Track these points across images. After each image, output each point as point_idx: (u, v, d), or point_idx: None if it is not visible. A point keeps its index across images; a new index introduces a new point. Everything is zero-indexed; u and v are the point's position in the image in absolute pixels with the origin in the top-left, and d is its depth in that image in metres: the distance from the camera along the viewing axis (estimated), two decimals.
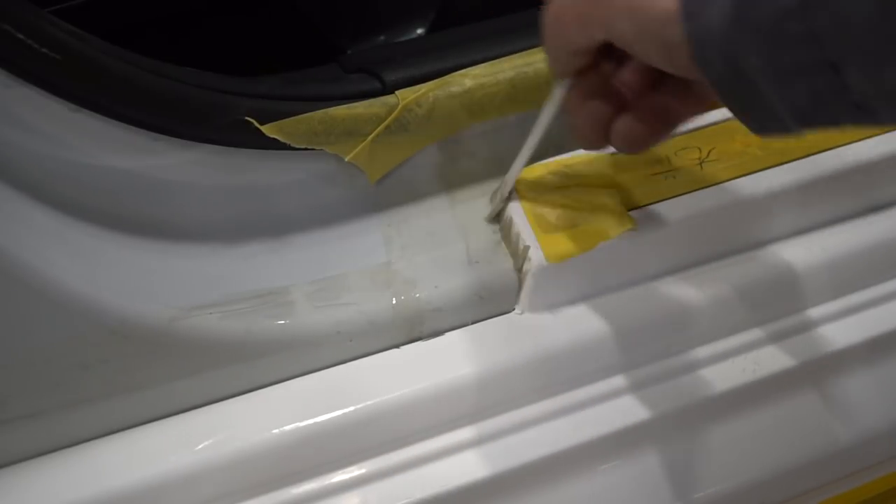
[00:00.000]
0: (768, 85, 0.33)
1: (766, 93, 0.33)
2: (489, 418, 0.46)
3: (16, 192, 0.39)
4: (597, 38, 0.38)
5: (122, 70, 0.41)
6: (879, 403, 0.52)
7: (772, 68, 0.32)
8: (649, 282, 0.50)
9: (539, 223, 0.48)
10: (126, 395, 0.43)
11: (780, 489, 0.50)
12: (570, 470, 0.46)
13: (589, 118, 0.42)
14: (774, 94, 0.33)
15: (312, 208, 0.48)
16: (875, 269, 0.53)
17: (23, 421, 0.41)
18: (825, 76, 0.31)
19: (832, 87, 0.31)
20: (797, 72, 0.32)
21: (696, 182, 0.50)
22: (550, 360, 0.47)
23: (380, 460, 0.45)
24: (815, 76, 0.31)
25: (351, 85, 0.49)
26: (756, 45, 0.32)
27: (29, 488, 0.41)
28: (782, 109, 0.33)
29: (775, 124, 0.34)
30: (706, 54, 0.34)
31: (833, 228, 0.53)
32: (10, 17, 0.37)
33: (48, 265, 0.39)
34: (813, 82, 0.32)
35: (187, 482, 0.42)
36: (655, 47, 0.36)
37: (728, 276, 0.50)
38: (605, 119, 0.42)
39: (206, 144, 0.44)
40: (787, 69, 0.32)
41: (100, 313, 0.41)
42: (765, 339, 0.51)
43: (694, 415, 0.48)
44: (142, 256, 0.44)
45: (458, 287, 0.47)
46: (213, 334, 0.43)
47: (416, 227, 0.50)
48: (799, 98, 0.32)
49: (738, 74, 0.33)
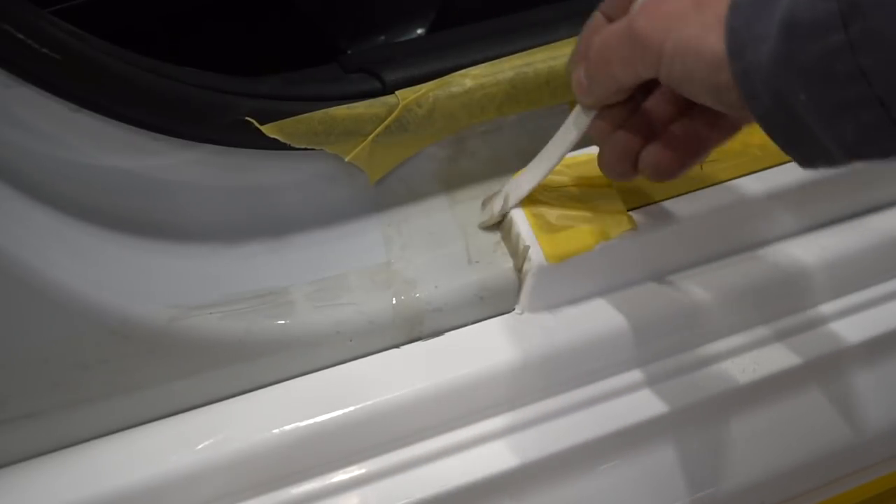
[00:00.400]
0: (815, 121, 0.33)
1: (813, 128, 0.33)
2: (489, 418, 0.46)
3: (16, 192, 0.39)
4: (643, 78, 0.39)
5: (122, 70, 0.41)
6: (879, 403, 0.52)
7: (819, 105, 0.32)
8: (649, 282, 0.50)
9: (539, 223, 0.48)
10: (126, 395, 0.43)
11: (780, 489, 0.50)
12: (571, 469, 0.46)
13: (616, 148, 0.42)
14: (822, 129, 0.33)
15: (312, 208, 0.48)
16: (875, 269, 0.53)
17: (23, 421, 0.41)
18: (873, 111, 0.31)
19: (880, 122, 0.32)
20: (844, 108, 0.32)
21: (696, 182, 0.50)
22: (550, 361, 0.47)
23: (380, 460, 0.45)
24: (863, 112, 0.32)
25: (351, 85, 0.49)
26: (804, 83, 0.32)
27: (29, 488, 0.41)
28: (830, 143, 0.33)
29: (823, 157, 0.35)
30: (755, 91, 0.34)
31: (833, 228, 0.53)
32: (10, 17, 0.37)
33: (48, 265, 0.39)
34: (860, 118, 0.32)
35: (187, 482, 0.42)
36: (706, 89, 0.36)
37: (728, 276, 0.50)
38: (633, 149, 0.42)
39: (206, 144, 0.44)
40: (835, 106, 0.32)
41: (100, 313, 0.41)
42: (765, 339, 0.51)
43: (694, 414, 0.48)
44: (142, 256, 0.44)
45: (458, 287, 0.47)
46: (213, 334, 0.43)
47: (416, 227, 0.50)
48: (847, 133, 0.33)
49: (785, 110, 0.33)
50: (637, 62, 0.38)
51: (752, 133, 0.53)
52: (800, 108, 0.33)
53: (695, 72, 0.36)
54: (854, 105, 0.32)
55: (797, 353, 0.50)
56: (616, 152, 0.43)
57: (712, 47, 0.35)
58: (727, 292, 0.50)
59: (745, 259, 0.51)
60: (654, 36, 0.37)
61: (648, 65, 0.38)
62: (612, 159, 0.43)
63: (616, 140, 0.42)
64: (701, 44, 0.35)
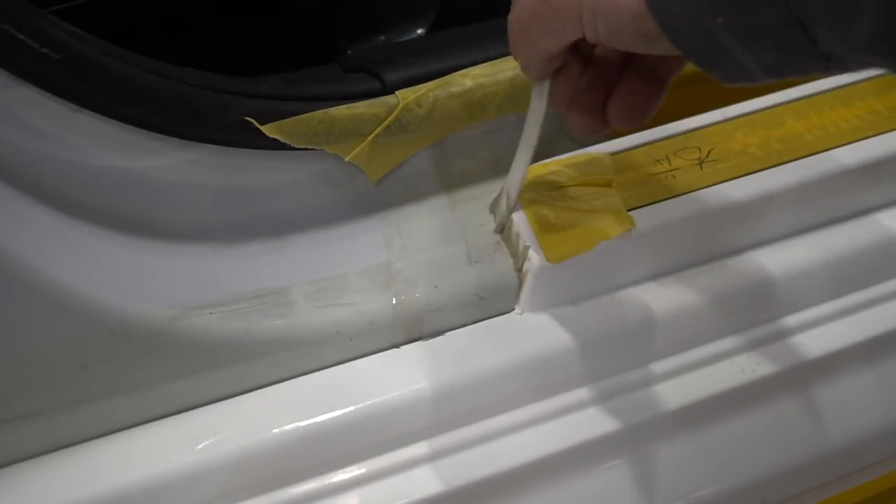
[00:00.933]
0: (734, 44, 0.33)
1: (732, 50, 0.33)
2: (489, 418, 0.46)
3: (16, 192, 0.39)
4: (569, 42, 0.38)
5: (121, 70, 0.41)
6: (879, 403, 0.52)
7: (737, 29, 0.32)
8: (649, 282, 0.50)
9: (539, 223, 0.48)
10: (126, 395, 0.43)
11: (779, 489, 0.50)
12: (571, 469, 0.46)
13: (581, 109, 0.42)
14: (741, 52, 0.33)
15: (312, 208, 0.48)
16: (875, 269, 0.53)
17: (23, 421, 0.41)
18: (792, 33, 0.31)
19: (800, 42, 0.31)
20: (764, 30, 0.32)
21: (696, 182, 0.50)
22: (550, 361, 0.47)
23: (380, 460, 0.45)
24: (782, 33, 0.31)
25: (351, 85, 0.49)
26: (720, 8, 0.32)
27: (29, 488, 0.41)
28: (750, 64, 0.33)
29: (743, 76, 0.34)
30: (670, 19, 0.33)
31: (833, 228, 0.53)
32: (10, 17, 0.37)
33: (48, 265, 0.39)
34: (780, 39, 0.32)
35: (187, 482, 0.42)
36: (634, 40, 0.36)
37: (728, 276, 0.50)
38: (597, 104, 0.41)
39: (206, 144, 0.44)
40: (754, 29, 0.32)
41: (100, 313, 0.41)
42: (765, 339, 0.51)
43: (694, 414, 0.48)
44: (142, 256, 0.44)
45: (458, 287, 0.47)
46: (213, 334, 0.43)
47: (416, 227, 0.50)
48: (767, 54, 0.33)
49: (702, 35, 0.33)
50: (559, 29, 0.38)
51: (752, 133, 0.53)
52: (717, 31, 0.33)
53: (619, 27, 0.35)
54: (773, 27, 0.32)
55: (797, 352, 0.50)
56: (582, 112, 0.42)
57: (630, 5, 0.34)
58: (727, 292, 0.50)
59: (746, 259, 0.51)
60: (567, 2, 0.37)
61: (571, 30, 0.37)
62: (580, 120, 0.42)
63: (578, 100, 0.42)
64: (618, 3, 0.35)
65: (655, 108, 0.41)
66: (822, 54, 0.32)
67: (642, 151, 0.52)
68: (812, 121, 0.54)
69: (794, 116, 0.54)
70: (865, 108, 0.55)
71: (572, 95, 0.42)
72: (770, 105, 0.55)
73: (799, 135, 0.53)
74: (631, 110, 0.41)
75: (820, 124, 0.54)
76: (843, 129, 0.54)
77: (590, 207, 0.48)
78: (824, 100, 0.55)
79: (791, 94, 0.55)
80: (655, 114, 0.42)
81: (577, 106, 0.42)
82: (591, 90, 0.42)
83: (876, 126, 0.54)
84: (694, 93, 0.57)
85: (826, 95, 0.56)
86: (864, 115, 0.55)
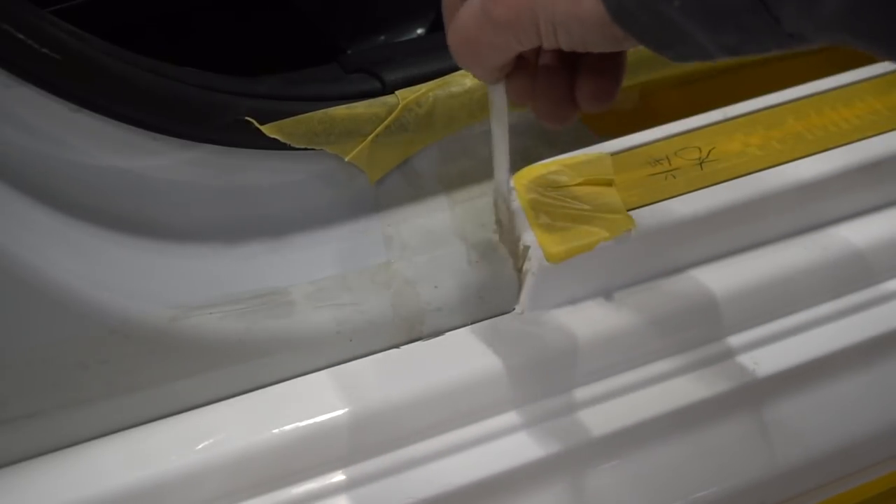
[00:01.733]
0: (695, 26, 0.32)
1: (692, 33, 0.32)
2: (489, 418, 0.46)
3: (16, 192, 0.39)
4: (519, 51, 0.37)
5: (121, 70, 0.41)
6: (879, 403, 0.52)
7: (698, 11, 0.32)
8: (649, 282, 0.50)
9: (539, 223, 0.48)
10: (126, 395, 0.43)
11: (779, 489, 0.50)
12: (571, 469, 0.46)
13: (546, 97, 0.41)
14: (702, 34, 0.32)
15: (312, 208, 0.48)
16: (875, 269, 0.53)
17: (23, 421, 0.41)
18: (755, 13, 0.31)
19: (763, 22, 0.31)
20: (725, 12, 0.31)
21: (696, 182, 0.50)
22: (551, 360, 0.47)
23: (379, 460, 0.45)
24: (744, 14, 0.31)
25: (351, 85, 0.49)
26: None
27: (29, 488, 0.41)
28: (709, 45, 0.33)
29: (699, 55, 0.34)
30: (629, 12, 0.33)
31: (833, 228, 0.53)
32: (10, 17, 0.37)
33: (48, 265, 0.39)
34: (742, 20, 0.31)
35: (187, 482, 0.42)
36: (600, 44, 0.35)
37: (728, 276, 0.50)
38: (561, 91, 0.40)
39: (206, 144, 0.44)
40: (715, 12, 0.31)
41: (100, 313, 0.41)
42: (765, 339, 0.51)
43: (695, 414, 0.48)
44: (142, 256, 0.44)
45: (458, 287, 0.47)
46: (213, 334, 0.43)
47: (416, 227, 0.50)
48: (728, 35, 0.32)
49: (661, 21, 0.32)
50: (511, 42, 0.37)
51: (752, 133, 0.53)
52: (676, 16, 0.32)
53: (584, 36, 0.35)
54: (735, 9, 0.31)
55: (797, 352, 0.50)
56: (547, 102, 0.41)
57: (592, 12, 0.33)
58: (728, 292, 0.50)
59: (746, 259, 0.51)
60: (521, 17, 0.35)
61: (524, 42, 0.36)
62: (547, 110, 0.41)
63: (541, 91, 0.40)
64: (579, 12, 0.34)
65: (621, 84, 0.40)
66: (785, 33, 0.31)
67: (642, 151, 0.52)
68: (812, 121, 0.54)
69: (794, 116, 0.54)
70: (866, 108, 0.55)
71: (532, 89, 0.41)
72: (770, 105, 0.55)
73: (799, 135, 0.53)
74: (599, 92, 0.40)
75: (820, 124, 0.54)
76: (843, 129, 0.54)
77: (590, 207, 0.48)
78: (824, 100, 0.55)
79: (791, 94, 0.55)
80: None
81: (541, 97, 0.41)
82: (550, 80, 0.40)
83: (876, 126, 0.54)
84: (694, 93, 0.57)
85: (826, 95, 0.56)
86: (864, 115, 0.55)
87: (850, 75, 0.56)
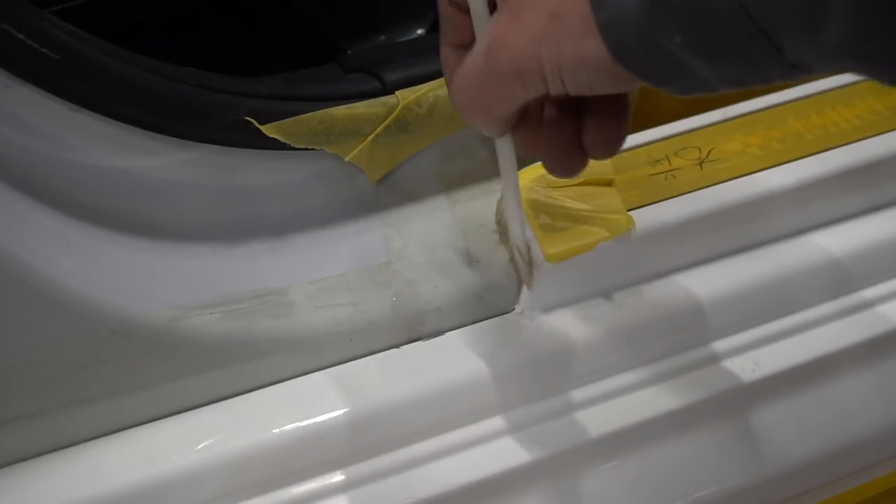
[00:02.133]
0: (697, 60, 0.32)
1: (693, 66, 0.32)
2: (489, 418, 0.46)
3: (16, 192, 0.39)
4: (526, 101, 0.37)
5: (121, 70, 0.41)
6: (879, 403, 0.52)
7: (699, 45, 0.31)
8: (649, 281, 0.50)
9: (539, 223, 0.48)
10: (126, 395, 0.43)
11: (779, 489, 0.50)
12: (571, 469, 0.46)
13: (553, 147, 0.40)
14: (703, 66, 0.32)
15: (312, 208, 0.48)
16: (875, 269, 0.53)
17: (23, 421, 0.41)
18: (757, 44, 0.30)
19: (765, 53, 0.31)
20: (726, 45, 0.31)
21: (696, 182, 0.50)
22: (551, 360, 0.47)
23: (379, 460, 0.45)
24: (746, 46, 0.31)
25: (351, 85, 0.49)
26: (682, 25, 0.31)
27: (29, 488, 0.41)
28: (711, 78, 0.33)
29: (702, 88, 0.34)
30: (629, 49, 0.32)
31: (833, 228, 0.53)
32: (10, 17, 0.37)
33: (48, 265, 0.39)
34: (744, 52, 0.31)
35: (188, 482, 0.42)
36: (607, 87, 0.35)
37: (728, 276, 0.50)
38: (569, 137, 0.40)
39: (205, 144, 0.44)
40: (716, 43, 0.31)
41: (100, 313, 0.41)
42: (765, 339, 0.51)
43: (694, 414, 0.48)
44: (142, 256, 0.44)
45: (458, 287, 0.47)
46: (213, 334, 0.43)
47: (416, 227, 0.50)
48: (730, 68, 0.32)
49: (662, 56, 0.32)
50: (518, 92, 0.36)
51: (752, 133, 0.53)
52: (677, 50, 0.32)
53: (590, 78, 0.34)
54: (736, 41, 0.31)
55: (797, 352, 0.50)
56: (555, 151, 0.40)
57: (596, 54, 0.33)
58: (728, 292, 0.50)
59: (746, 259, 0.51)
60: (526, 66, 0.35)
61: (531, 91, 0.36)
62: (556, 159, 0.41)
63: (547, 140, 0.40)
64: (584, 55, 0.33)
65: (628, 128, 0.40)
66: (788, 63, 0.31)
67: (642, 151, 0.52)
68: (812, 121, 0.54)
69: (794, 116, 0.54)
70: (866, 108, 0.55)
71: (538, 138, 0.40)
72: (770, 105, 0.55)
73: (799, 135, 0.53)
74: (607, 136, 0.39)
75: (820, 124, 0.54)
76: (843, 129, 0.54)
77: (590, 207, 0.48)
78: (824, 100, 0.55)
79: (791, 94, 0.55)
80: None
81: (547, 146, 0.40)
82: (556, 128, 0.40)
83: (876, 126, 0.54)
84: None
85: (826, 95, 0.56)
86: (864, 115, 0.55)
87: (851, 75, 0.56)
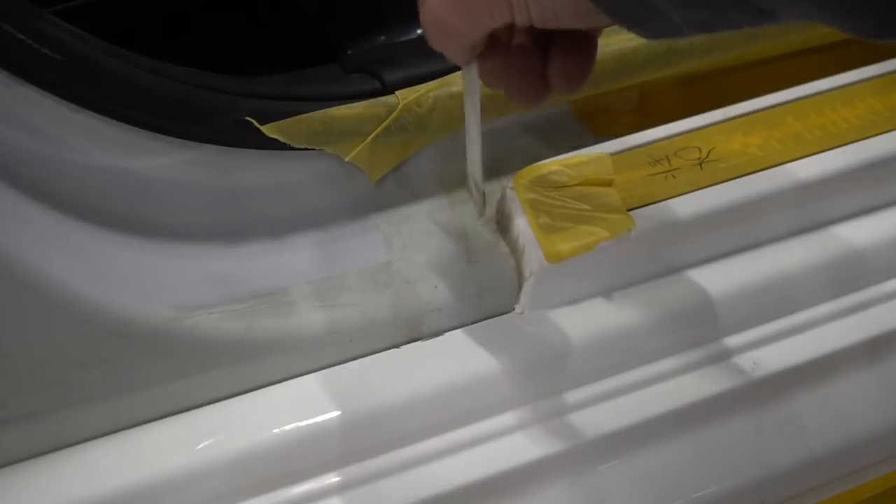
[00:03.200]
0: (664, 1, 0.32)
1: (664, 9, 0.32)
2: (489, 418, 0.46)
3: (16, 192, 0.39)
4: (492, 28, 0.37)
5: (122, 70, 0.41)
6: (879, 403, 0.52)
7: None
8: (650, 282, 0.50)
9: (539, 223, 0.48)
10: (126, 395, 0.43)
11: (779, 489, 0.50)
12: (571, 469, 0.46)
13: (518, 76, 0.40)
14: (673, 11, 0.32)
15: (312, 208, 0.48)
16: (875, 269, 0.53)
17: (22, 421, 0.41)
18: None
19: None
20: None
21: (696, 182, 0.50)
22: (551, 360, 0.47)
23: (379, 460, 0.45)
24: None
25: (351, 85, 0.49)
26: None
27: (29, 488, 0.41)
28: (680, 22, 0.33)
29: (670, 32, 0.34)
30: None
31: (833, 228, 0.53)
32: (10, 18, 0.37)
33: (48, 265, 0.39)
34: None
35: (187, 482, 0.42)
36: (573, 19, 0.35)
37: (728, 276, 0.50)
38: (534, 68, 0.40)
39: (206, 144, 0.44)
40: None
41: (100, 313, 0.41)
42: (765, 338, 0.51)
43: (695, 414, 0.48)
44: (142, 256, 0.44)
45: (458, 287, 0.48)
46: (213, 334, 0.43)
47: (416, 227, 0.50)
48: (698, 11, 0.32)
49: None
50: (482, 20, 0.37)
51: (752, 133, 0.53)
52: None
53: (557, 10, 0.35)
54: None
55: (798, 352, 0.50)
56: (519, 80, 0.40)
57: None
58: (728, 292, 0.50)
59: (746, 259, 0.51)
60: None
61: (497, 18, 0.36)
62: (519, 89, 0.41)
63: (514, 72, 0.40)
64: None
65: (593, 67, 0.40)
66: (754, 8, 0.31)
67: (642, 151, 0.52)
68: (812, 121, 0.54)
69: (794, 116, 0.54)
70: (865, 108, 0.55)
71: (505, 70, 0.40)
72: (770, 105, 0.55)
73: (799, 135, 0.53)
74: (571, 72, 0.40)
75: (820, 124, 0.54)
76: (843, 129, 0.54)
77: (590, 207, 0.48)
78: (824, 100, 0.55)
79: (791, 94, 0.55)
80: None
81: (513, 78, 0.40)
82: (523, 60, 0.40)
83: (876, 126, 0.54)
84: (694, 93, 0.57)
85: (826, 95, 0.56)
86: (864, 115, 0.55)
87: (850, 75, 0.56)
